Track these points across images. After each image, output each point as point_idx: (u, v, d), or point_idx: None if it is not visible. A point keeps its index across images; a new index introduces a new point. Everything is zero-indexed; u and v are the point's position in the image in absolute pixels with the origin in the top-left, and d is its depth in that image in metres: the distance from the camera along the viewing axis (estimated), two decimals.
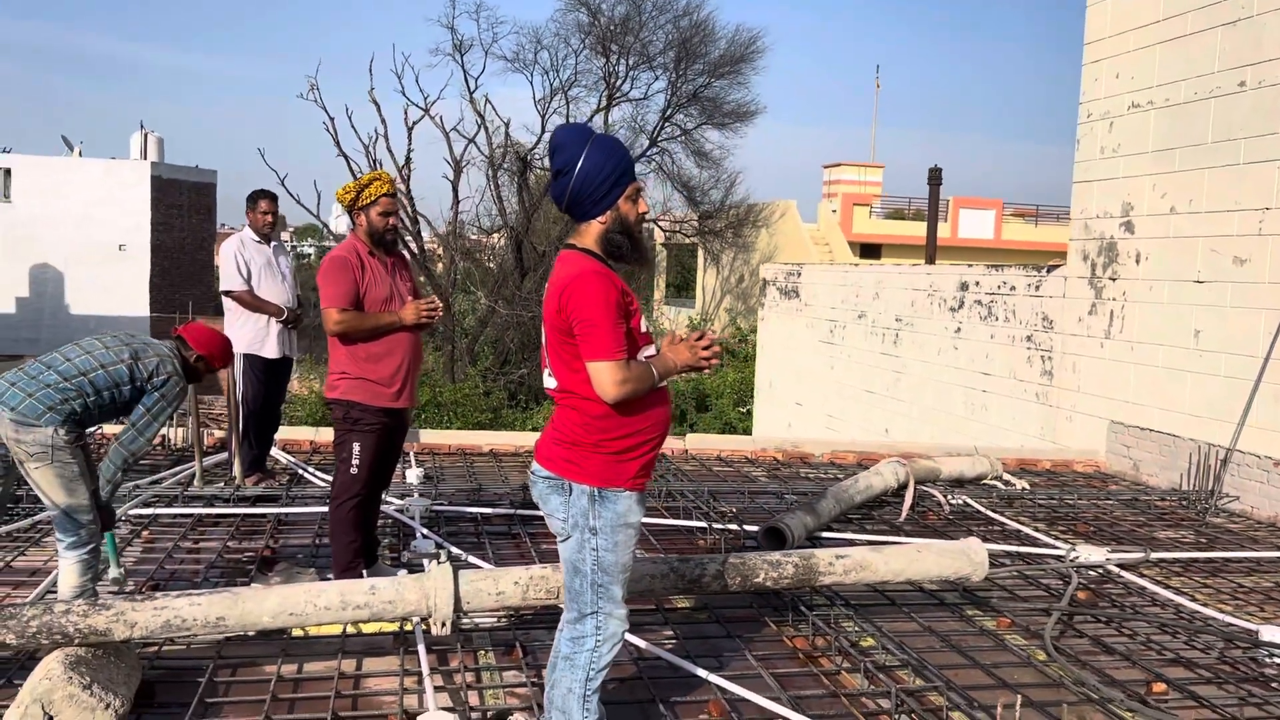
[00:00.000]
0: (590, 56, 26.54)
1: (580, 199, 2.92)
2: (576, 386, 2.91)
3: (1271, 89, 6.82)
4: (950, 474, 7.12)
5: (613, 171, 2.90)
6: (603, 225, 2.96)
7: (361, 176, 4.64)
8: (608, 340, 2.83)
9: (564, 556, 3.00)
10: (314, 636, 4.08)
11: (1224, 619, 4.74)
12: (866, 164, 35.01)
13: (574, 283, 2.86)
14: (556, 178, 2.95)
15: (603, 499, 2.90)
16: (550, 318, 2.93)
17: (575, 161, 2.89)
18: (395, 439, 4.64)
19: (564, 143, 2.94)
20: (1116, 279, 8.22)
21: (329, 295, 4.44)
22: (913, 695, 3.74)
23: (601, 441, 2.90)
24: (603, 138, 2.96)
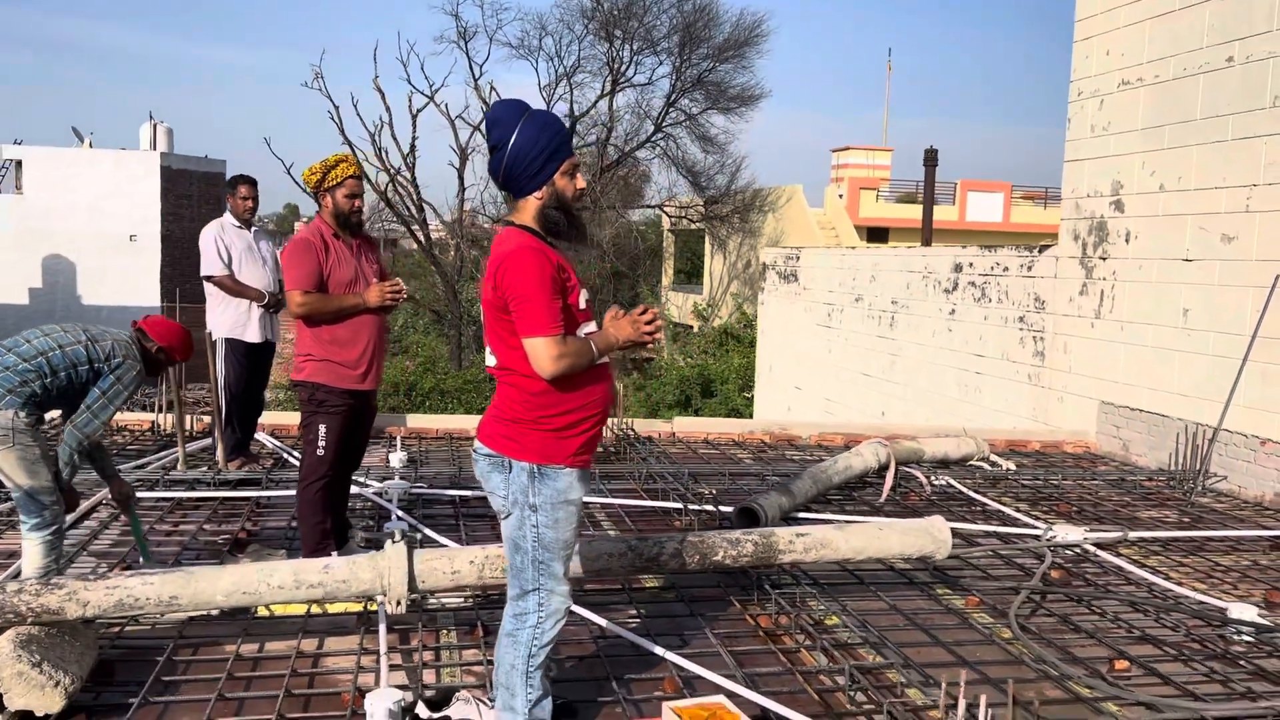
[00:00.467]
0: (594, 42, 26.50)
1: (515, 174, 2.91)
2: (515, 364, 2.92)
3: (1259, 64, 6.74)
4: (934, 455, 7.10)
5: (547, 146, 2.89)
6: (539, 201, 2.95)
7: (328, 158, 4.65)
8: (543, 316, 2.83)
9: (505, 534, 3.00)
10: (279, 616, 4.10)
11: (1195, 597, 4.72)
12: (875, 148, 34.84)
13: (508, 259, 2.86)
14: (492, 153, 2.95)
15: (542, 476, 2.91)
16: (487, 295, 2.93)
17: (509, 136, 2.88)
18: (362, 421, 4.65)
19: (498, 118, 2.93)
20: (1107, 258, 8.16)
21: (292, 277, 4.47)
22: (869, 672, 3.74)
23: (541, 418, 2.90)
24: (538, 113, 2.95)
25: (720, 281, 29.76)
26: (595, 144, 27.17)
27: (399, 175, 25.09)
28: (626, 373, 27.85)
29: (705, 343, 25.82)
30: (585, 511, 5.84)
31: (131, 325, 4.30)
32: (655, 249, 34.37)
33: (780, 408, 14.78)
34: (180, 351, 4.31)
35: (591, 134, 27.39)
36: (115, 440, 7.27)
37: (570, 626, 4.11)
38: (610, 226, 28.68)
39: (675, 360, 25.25)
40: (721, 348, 25.14)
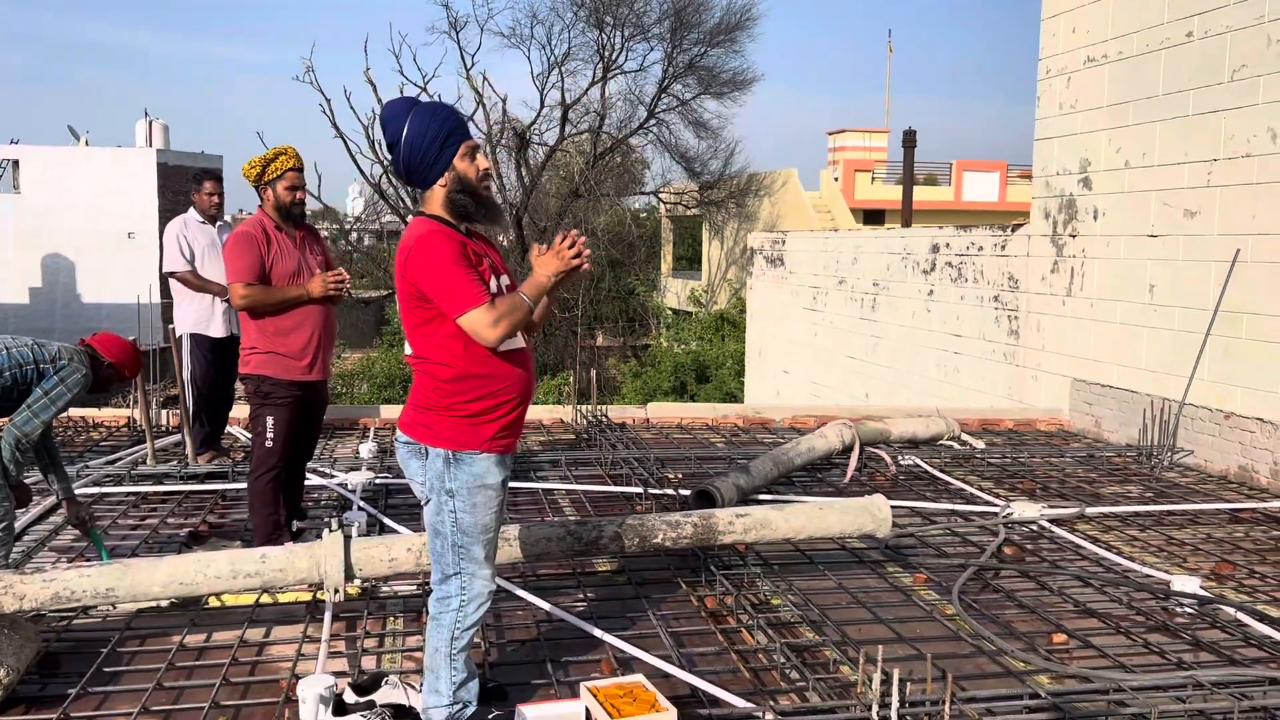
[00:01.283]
0: (585, 30, 26.42)
1: (414, 166, 2.96)
2: (427, 351, 2.96)
3: (1216, 39, 6.73)
4: (901, 435, 7.13)
5: (438, 133, 2.94)
6: (444, 188, 2.99)
7: (267, 152, 4.69)
8: (465, 290, 2.86)
9: (426, 520, 3.06)
10: (229, 607, 4.17)
11: (1143, 571, 4.76)
12: (872, 130, 34.70)
13: (414, 247, 2.91)
14: (391, 151, 2.99)
15: (458, 461, 2.95)
16: (398, 284, 2.98)
17: (400, 132, 2.93)
18: (312, 412, 4.71)
19: (388, 117, 2.98)
20: (1076, 236, 8.17)
21: (234, 270, 4.52)
22: (804, 650, 3.79)
23: (454, 405, 2.95)
24: (426, 104, 3.01)
25: (718, 267, 29.77)
26: (589, 131, 27.14)
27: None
28: (624, 360, 27.90)
29: (701, 328, 25.84)
30: (549, 497, 5.90)
31: (80, 342, 4.35)
32: (654, 235, 34.36)
33: (769, 392, 14.83)
34: (130, 368, 4.36)
35: (584, 121, 27.36)
36: (90, 437, 7.35)
37: (517, 610, 4.18)
38: (605, 214, 28.67)
39: (672, 347, 25.29)
40: (718, 333, 25.17)
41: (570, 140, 27.42)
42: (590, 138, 27.00)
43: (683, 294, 30.98)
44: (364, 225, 34.49)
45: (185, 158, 35.72)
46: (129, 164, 34.94)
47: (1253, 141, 6.48)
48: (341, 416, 8.08)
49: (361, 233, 37.41)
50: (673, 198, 29.16)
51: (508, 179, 26.98)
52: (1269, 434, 6.38)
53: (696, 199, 28.24)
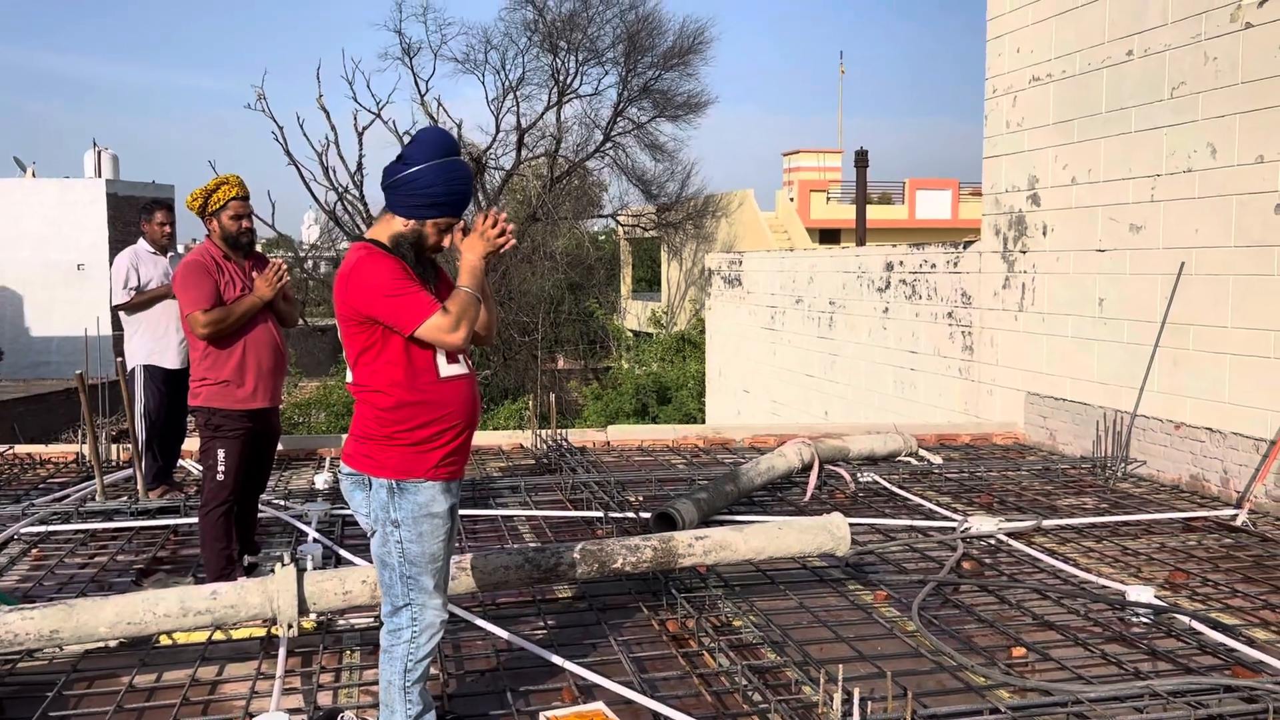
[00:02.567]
0: (539, 54, 26.53)
1: (399, 191, 2.93)
2: (367, 379, 2.93)
3: (1156, 57, 6.89)
4: (860, 452, 7.17)
5: (440, 195, 2.92)
6: (404, 227, 2.96)
7: (208, 183, 4.63)
8: (414, 302, 2.86)
9: (373, 552, 3.01)
10: (180, 645, 4.07)
11: (1099, 582, 4.81)
12: (825, 150, 35.13)
13: (354, 271, 2.90)
14: (397, 159, 2.96)
15: (402, 491, 2.92)
16: (338, 310, 2.95)
17: (419, 161, 2.90)
18: (264, 443, 4.64)
19: (424, 140, 2.95)
20: (1027, 251, 8.29)
21: (190, 299, 4.45)
22: (766, 672, 3.77)
23: (396, 434, 2.91)
24: (456, 164, 2.95)
25: (678, 288, 29.87)
26: (545, 155, 27.18)
27: (347, 194, 24.97)
28: (585, 383, 27.83)
29: (662, 350, 25.88)
30: (508, 524, 5.85)
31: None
32: (613, 258, 34.43)
33: (730, 411, 14.86)
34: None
35: (541, 145, 27.41)
36: (38, 474, 7.19)
37: (476, 640, 4.13)
38: (563, 238, 28.69)
39: (633, 369, 25.29)
40: (678, 354, 25.21)
41: (527, 164, 27.46)
42: (547, 161, 27.06)
43: (643, 316, 31.05)
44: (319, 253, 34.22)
45: (136, 188, 35.26)
46: (78, 195, 34.45)
47: (1193, 157, 6.62)
48: (297, 446, 7.97)
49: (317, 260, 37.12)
50: (631, 220, 29.27)
51: None
52: (1218, 443, 6.49)
53: (654, 221, 28.38)
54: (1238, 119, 6.30)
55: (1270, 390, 6.11)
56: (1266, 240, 6.13)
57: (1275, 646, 4.07)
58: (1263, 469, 6.12)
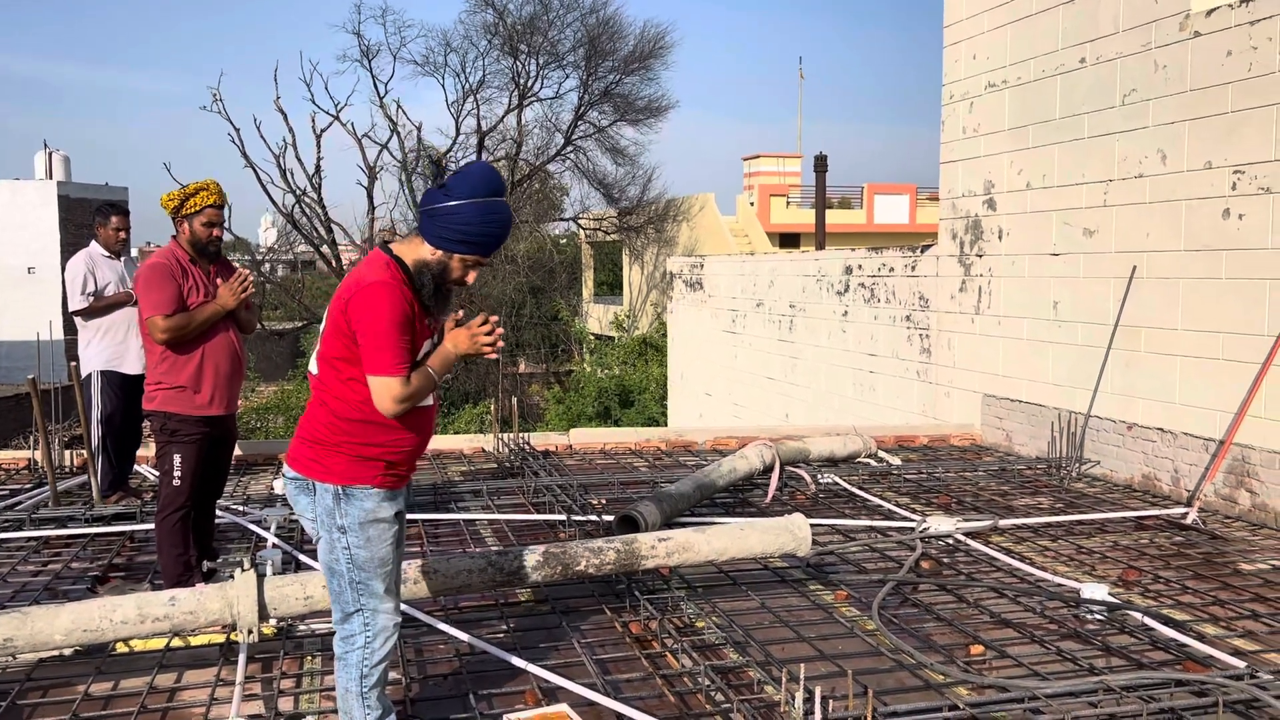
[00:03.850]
0: (499, 57, 26.47)
1: (435, 219, 2.84)
2: (333, 385, 2.91)
3: (1108, 64, 7.03)
4: (820, 454, 7.23)
5: (474, 234, 2.85)
6: (431, 255, 2.89)
7: (188, 185, 4.58)
8: (390, 356, 2.82)
9: (320, 558, 3.00)
10: (137, 652, 4.02)
11: (1054, 580, 4.89)
12: (785, 155, 35.36)
13: (365, 291, 2.83)
14: (440, 186, 2.87)
15: (348, 497, 2.91)
16: (333, 309, 2.91)
17: (462, 194, 2.83)
18: (221, 448, 4.59)
19: (468, 175, 2.86)
20: (983, 255, 8.41)
21: (151, 302, 4.39)
22: (729, 672, 3.80)
23: (345, 443, 2.91)
24: (494, 205, 2.87)
25: (640, 292, 29.90)
26: (505, 159, 27.11)
27: (305, 196, 24.74)
28: (547, 387, 27.78)
29: (625, 353, 25.90)
30: (470, 528, 5.83)
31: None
32: (574, 262, 34.39)
33: (692, 414, 14.91)
34: None
35: (501, 149, 27.33)
36: None
37: (438, 644, 4.12)
38: (525, 241, 28.62)
39: (595, 372, 25.28)
40: (641, 358, 25.24)
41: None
42: (508, 165, 26.98)
43: (605, 319, 31.04)
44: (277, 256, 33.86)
45: (88, 190, 34.71)
46: (28, 197, 33.84)
47: (1144, 162, 6.76)
48: (256, 452, 7.89)
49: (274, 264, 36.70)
50: (592, 224, 29.26)
51: None
52: (1169, 443, 6.63)
53: (616, 225, 28.40)
54: (1187, 126, 6.45)
55: (1219, 391, 6.25)
56: (1214, 244, 6.28)
57: (1224, 642, 4.16)
58: (1212, 468, 6.25)
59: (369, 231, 26.53)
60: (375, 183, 25.64)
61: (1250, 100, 6.03)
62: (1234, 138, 6.13)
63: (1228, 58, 6.17)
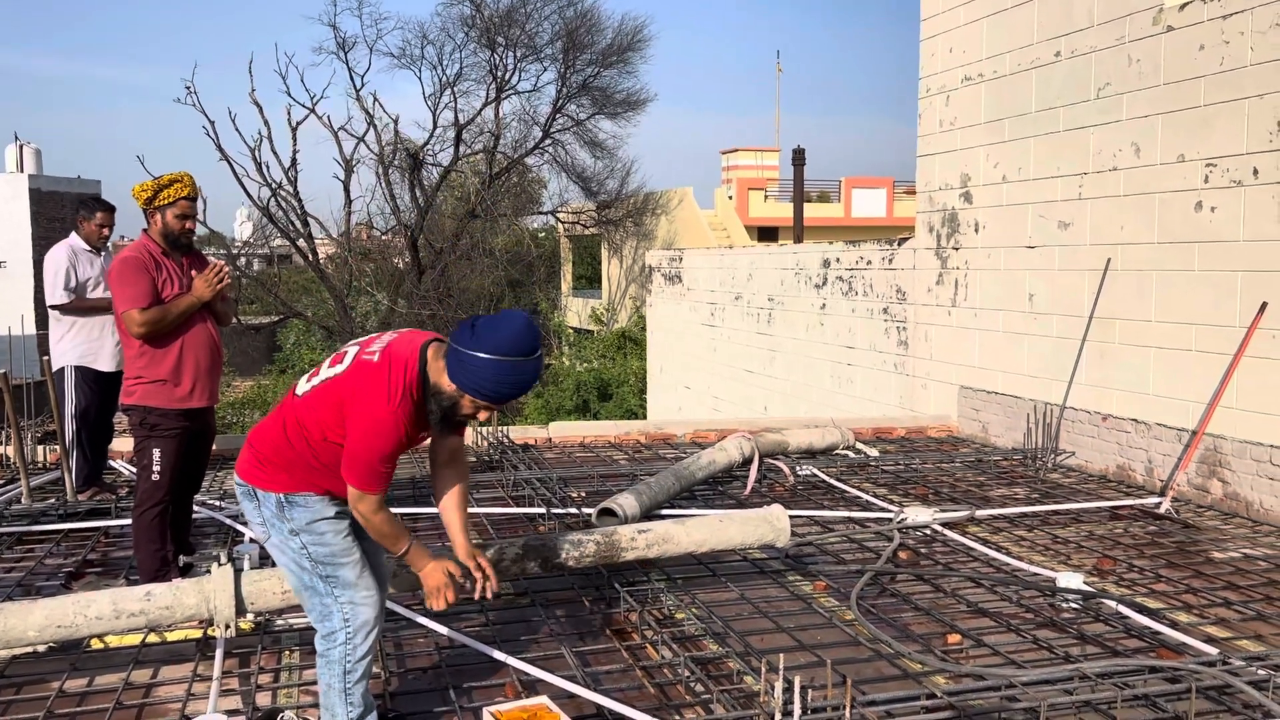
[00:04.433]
0: (477, 50, 26.34)
1: (458, 358, 2.78)
2: (313, 433, 2.90)
3: (1083, 58, 7.08)
4: (799, 446, 7.26)
5: (485, 388, 2.77)
6: (449, 389, 2.84)
7: (162, 176, 4.54)
8: (371, 479, 2.83)
9: (280, 564, 3.02)
10: (113, 648, 3.99)
11: (1030, 569, 4.94)
12: (763, 149, 35.42)
13: (375, 407, 2.78)
14: (471, 329, 2.80)
15: (290, 504, 2.94)
16: (334, 390, 2.87)
17: (484, 351, 2.75)
18: (200, 442, 4.56)
19: (500, 331, 2.78)
20: (959, 248, 8.46)
21: (126, 296, 4.35)
22: (709, 663, 3.81)
23: (291, 466, 2.94)
24: (517, 367, 2.78)
25: (618, 285, 29.88)
26: (483, 152, 27.00)
27: (281, 190, 24.54)
28: None
29: (603, 347, 25.88)
30: None
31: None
32: (553, 255, 34.32)
33: (672, 407, 14.92)
34: None
35: (479, 142, 27.23)
36: None
37: (418, 638, 4.11)
38: (503, 235, 28.55)
39: (574, 366, 25.26)
40: (620, 351, 25.24)
41: (465, 161, 27.25)
42: (485, 158, 26.88)
43: (583, 313, 31.01)
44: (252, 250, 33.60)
45: (60, 183, 34.28)
46: None
47: (1119, 155, 6.82)
48: (232, 446, 7.82)
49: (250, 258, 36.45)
50: (570, 217, 29.20)
51: (401, 201, 26.66)
52: (1143, 434, 6.70)
53: (594, 218, 28.35)
54: (1160, 119, 6.51)
55: (1191, 382, 6.32)
56: (1187, 237, 6.34)
57: (1197, 629, 4.22)
58: (1185, 458, 6.32)
59: (345, 225, 26.38)
60: (352, 176, 25.46)
61: (1222, 94, 6.09)
62: (1206, 131, 6.20)
63: (1200, 52, 6.23)
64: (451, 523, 3.21)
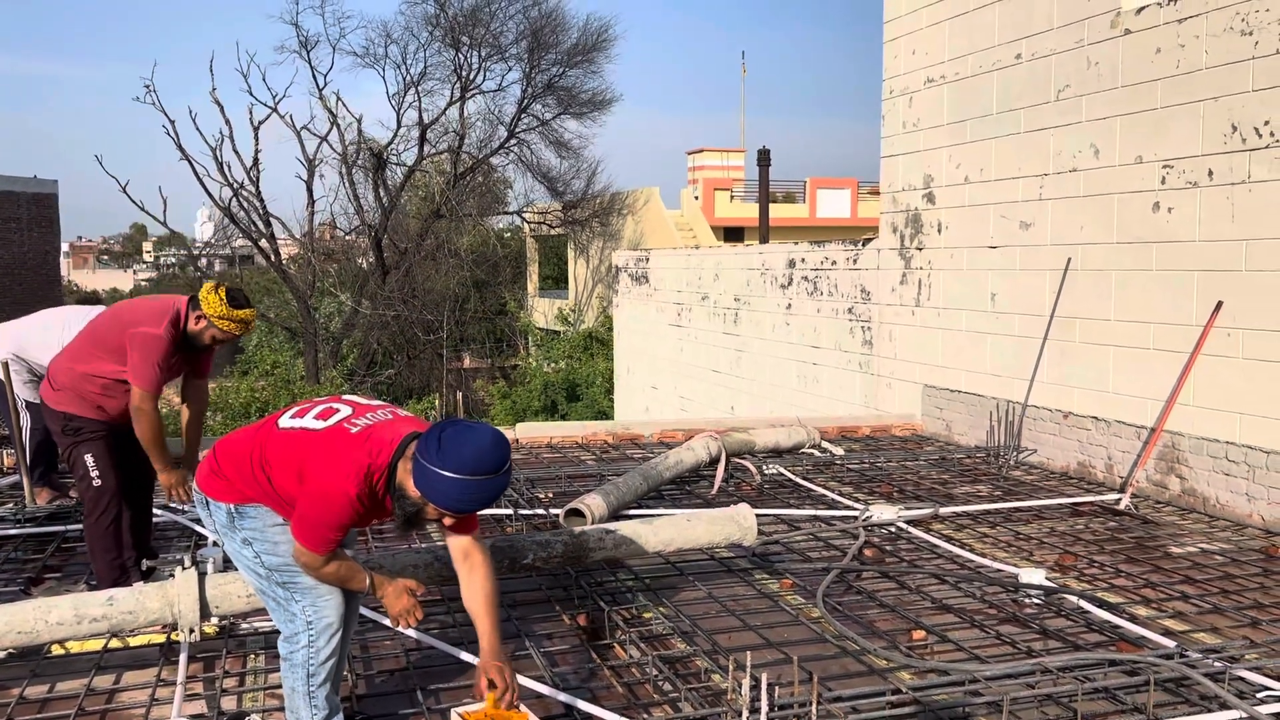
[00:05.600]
0: (441, 49, 26.22)
1: (421, 469, 2.71)
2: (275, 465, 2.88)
3: (1043, 60, 7.17)
4: (765, 445, 7.30)
5: (447, 502, 2.72)
6: (415, 495, 2.76)
7: (235, 309, 4.26)
8: (316, 540, 2.81)
9: (239, 568, 3.03)
10: (74, 654, 3.94)
11: (993, 566, 5.00)
12: (729, 149, 35.49)
13: (328, 488, 2.77)
14: (436, 442, 2.70)
15: (240, 514, 2.95)
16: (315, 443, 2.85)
17: (447, 468, 2.66)
18: (135, 442, 4.46)
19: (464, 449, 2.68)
20: (923, 248, 8.54)
21: (146, 377, 4.18)
22: (677, 661, 3.83)
23: (250, 496, 2.93)
24: (479, 485, 2.70)
25: (585, 286, 29.84)
26: (448, 151, 26.87)
27: (243, 190, 24.30)
28: (493, 381, 27.64)
29: (570, 347, 25.85)
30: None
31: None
32: (519, 256, 34.22)
33: (639, 408, 14.94)
34: None
35: (444, 141, 27.09)
36: None
37: (384, 640, 4.09)
38: (468, 235, 28.43)
39: (541, 366, 25.21)
40: (586, 352, 25.22)
41: (429, 160, 27.11)
42: (450, 157, 26.75)
43: (550, 313, 30.95)
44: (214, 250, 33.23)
45: (15, 183, 33.65)
46: None
47: (1078, 157, 6.92)
48: None
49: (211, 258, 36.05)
50: (536, 217, 29.13)
51: (365, 201, 26.47)
52: (1103, 431, 6.80)
53: (560, 218, 28.30)
54: (1118, 121, 6.61)
55: (1150, 380, 6.43)
56: (1145, 237, 6.45)
57: (1156, 622, 4.29)
58: (1144, 455, 6.43)
59: (309, 225, 26.15)
60: (315, 176, 25.28)
61: (1178, 96, 6.20)
62: (1163, 133, 6.31)
63: (1157, 55, 6.34)
64: (479, 616, 3.04)
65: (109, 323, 4.38)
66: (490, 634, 2.99)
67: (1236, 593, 4.70)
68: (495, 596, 3.04)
